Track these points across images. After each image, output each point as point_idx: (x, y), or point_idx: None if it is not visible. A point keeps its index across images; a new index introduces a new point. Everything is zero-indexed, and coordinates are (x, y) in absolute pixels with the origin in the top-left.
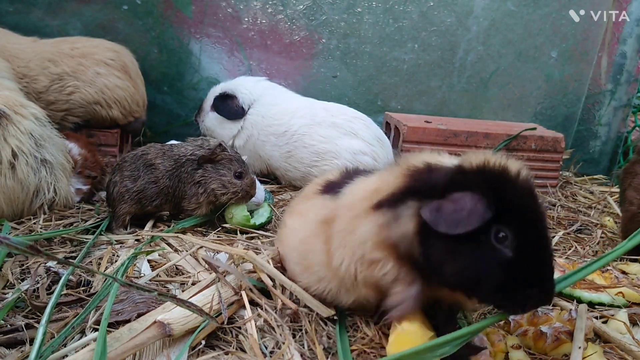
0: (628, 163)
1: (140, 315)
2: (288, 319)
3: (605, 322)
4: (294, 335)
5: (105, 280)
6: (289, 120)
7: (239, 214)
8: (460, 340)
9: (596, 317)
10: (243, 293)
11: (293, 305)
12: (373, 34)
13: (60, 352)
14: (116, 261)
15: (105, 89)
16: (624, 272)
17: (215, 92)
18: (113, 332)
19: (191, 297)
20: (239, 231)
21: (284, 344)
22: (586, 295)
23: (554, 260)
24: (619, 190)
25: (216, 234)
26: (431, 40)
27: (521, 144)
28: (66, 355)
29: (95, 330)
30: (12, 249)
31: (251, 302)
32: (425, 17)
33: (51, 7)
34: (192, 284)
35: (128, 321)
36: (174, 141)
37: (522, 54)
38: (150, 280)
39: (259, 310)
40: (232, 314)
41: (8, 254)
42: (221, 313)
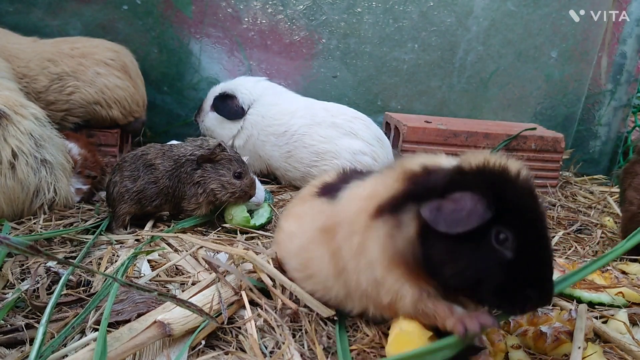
0: (628, 163)
1: (140, 315)
2: (288, 319)
3: (605, 322)
4: (294, 335)
5: (105, 280)
6: (289, 120)
7: (239, 214)
8: (460, 343)
9: (596, 317)
10: (243, 293)
11: (293, 305)
12: (373, 34)
13: (60, 352)
14: (116, 261)
15: (105, 89)
16: (623, 272)
17: (215, 92)
18: (113, 332)
19: (191, 297)
20: (239, 231)
21: (284, 344)
22: (586, 295)
23: (554, 260)
24: (619, 190)
25: (216, 234)
26: (431, 40)
27: (521, 144)
28: (66, 355)
29: (95, 330)
30: (12, 249)
31: (251, 302)
32: (425, 17)
33: (51, 7)
34: (192, 284)
35: (128, 321)
36: (174, 141)
37: (522, 54)
38: (150, 280)
39: (259, 310)
40: (232, 314)
41: (8, 254)
42: (221, 313)
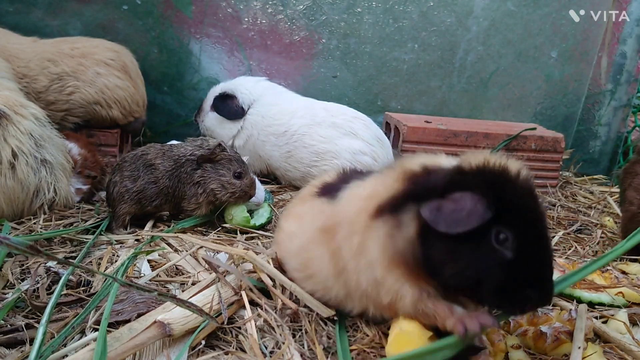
0: (628, 163)
1: (140, 315)
2: (288, 319)
3: (605, 322)
4: (293, 335)
5: (105, 280)
6: (289, 120)
7: (239, 215)
8: (460, 343)
9: (596, 317)
10: (243, 293)
11: (293, 305)
12: (373, 34)
13: (60, 352)
14: (116, 261)
15: (105, 89)
16: (623, 272)
17: (215, 92)
18: (113, 332)
19: (191, 297)
20: (239, 231)
21: (283, 344)
22: (586, 295)
23: (554, 260)
24: (619, 190)
25: (216, 234)
26: (431, 40)
27: (521, 144)
28: (66, 355)
29: (95, 330)
30: (12, 249)
31: (251, 302)
32: (425, 17)
33: (51, 7)
34: (192, 284)
35: (128, 321)
36: (174, 141)
37: (522, 54)
38: (150, 280)
39: (259, 310)
40: (232, 314)
41: (8, 254)
42: (221, 313)
